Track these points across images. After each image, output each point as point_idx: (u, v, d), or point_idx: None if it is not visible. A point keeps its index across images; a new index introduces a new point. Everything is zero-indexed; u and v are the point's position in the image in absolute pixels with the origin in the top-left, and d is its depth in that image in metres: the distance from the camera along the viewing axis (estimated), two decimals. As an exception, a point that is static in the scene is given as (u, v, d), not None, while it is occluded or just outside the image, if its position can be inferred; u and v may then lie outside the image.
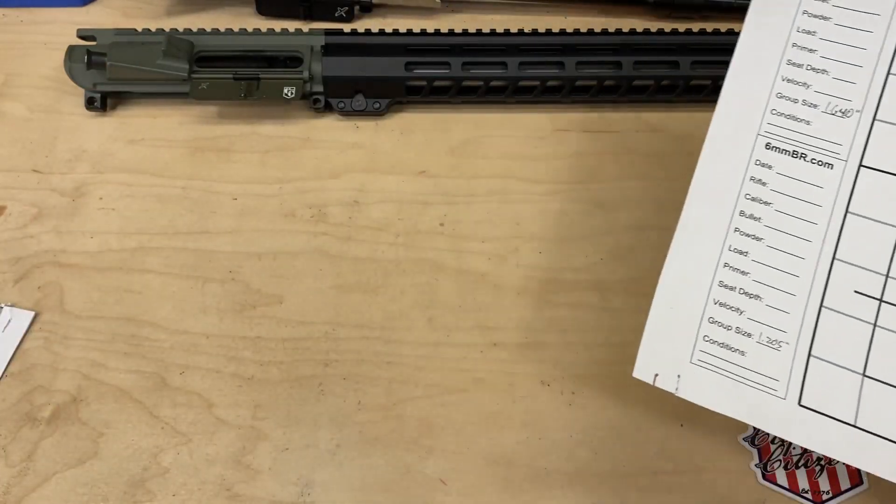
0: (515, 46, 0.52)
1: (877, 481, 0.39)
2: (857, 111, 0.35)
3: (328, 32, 0.53)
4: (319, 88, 0.52)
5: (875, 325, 0.33)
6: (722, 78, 0.52)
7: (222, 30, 0.53)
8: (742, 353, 0.35)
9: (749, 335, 0.35)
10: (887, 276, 0.33)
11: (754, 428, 0.40)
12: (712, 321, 0.35)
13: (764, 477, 0.39)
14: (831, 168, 0.35)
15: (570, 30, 0.54)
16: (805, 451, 0.40)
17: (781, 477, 0.39)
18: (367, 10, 0.61)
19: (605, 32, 0.53)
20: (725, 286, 0.36)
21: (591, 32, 0.53)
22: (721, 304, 0.35)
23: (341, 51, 0.52)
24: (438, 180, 0.51)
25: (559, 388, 0.42)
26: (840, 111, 0.35)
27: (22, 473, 0.39)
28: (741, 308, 0.35)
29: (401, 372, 0.43)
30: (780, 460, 0.39)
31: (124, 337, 0.44)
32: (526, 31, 0.54)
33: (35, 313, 0.45)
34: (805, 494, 0.38)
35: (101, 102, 0.53)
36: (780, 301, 0.35)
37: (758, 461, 0.39)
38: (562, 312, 0.45)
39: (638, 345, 0.43)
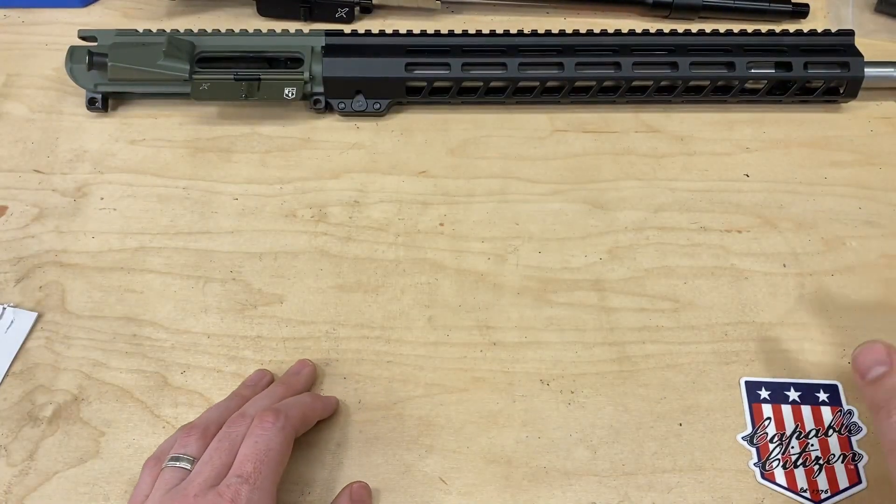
0: (515, 47, 0.53)
1: (876, 481, 0.39)
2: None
3: (328, 33, 0.53)
4: (320, 89, 0.53)
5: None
6: (720, 78, 0.52)
7: (223, 31, 0.53)
8: None
9: None
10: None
11: (753, 427, 0.41)
12: None
13: (762, 476, 0.39)
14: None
15: (569, 31, 0.54)
16: (804, 450, 0.40)
17: (780, 476, 0.39)
18: (368, 11, 0.61)
19: (604, 33, 0.54)
20: None
21: (590, 33, 0.54)
22: None
23: (342, 51, 0.52)
24: (438, 180, 0.51)
25: (558, 387, 0.42)
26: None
27: (23, 473, 0.39)
28: None
29: (401, 371, 0.43)
30: (778, 459, 0.39)
31: (125, 336, 0.44)
32: (525, 31, 0.54)
33: (37, 314, 0.45)
34: (804, 493, 0.39)
35: (102, 103, 0.53)
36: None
37: (756, 460, 0.40)
38: (561, 312, 0.45)
39: (637, 344, 0.44)
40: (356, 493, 0.38)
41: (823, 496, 0.38)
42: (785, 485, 0.39)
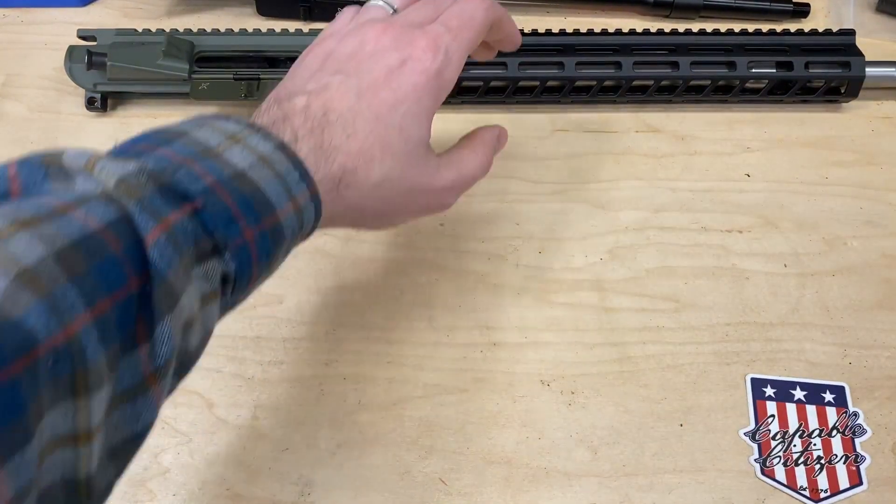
0: (515, 47, 0.52)
1: (877, 483, 0.39)
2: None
3: (328, 33, 0.53)
4: (319, 89, 0.52)
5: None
6: (721, 78, 0.52)
7: (222, 30, 0.53)
8: None
9: None
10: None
11: (756, 423, 0.40)
12: None
13: (762, 472, 0.39)
14: None
15: (569, 30, 0.54)
16: (806, 448, 0.40)
17: (780, 473, 0.39)
18: (367, 10, 0.61)
19: (604, 33, 0.53)
20: None
21: (590, 33, 0.53)
22: None
23: (341, 51, 0.52)
24: (438, 180, 0.51)
25: (559, 387, 0.42)
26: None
27: (23, 473, 0.39)
28: None
29: (401, 372, 0.43)
30: (779, 457, 0.39)
31: (125, 337, 0.44)
32: (525, 31, 0.54)
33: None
34: (803, 492, 0.38)
35: (101, 103, 0.53)
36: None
37: (757, 456, 0.39)
38: (561, 312, 0.45)
39: (637, 344, 0.43)
40: (503, 136, 0.40)
41: (823, 495, 0.38)
42: (784, 482, 0.39)
